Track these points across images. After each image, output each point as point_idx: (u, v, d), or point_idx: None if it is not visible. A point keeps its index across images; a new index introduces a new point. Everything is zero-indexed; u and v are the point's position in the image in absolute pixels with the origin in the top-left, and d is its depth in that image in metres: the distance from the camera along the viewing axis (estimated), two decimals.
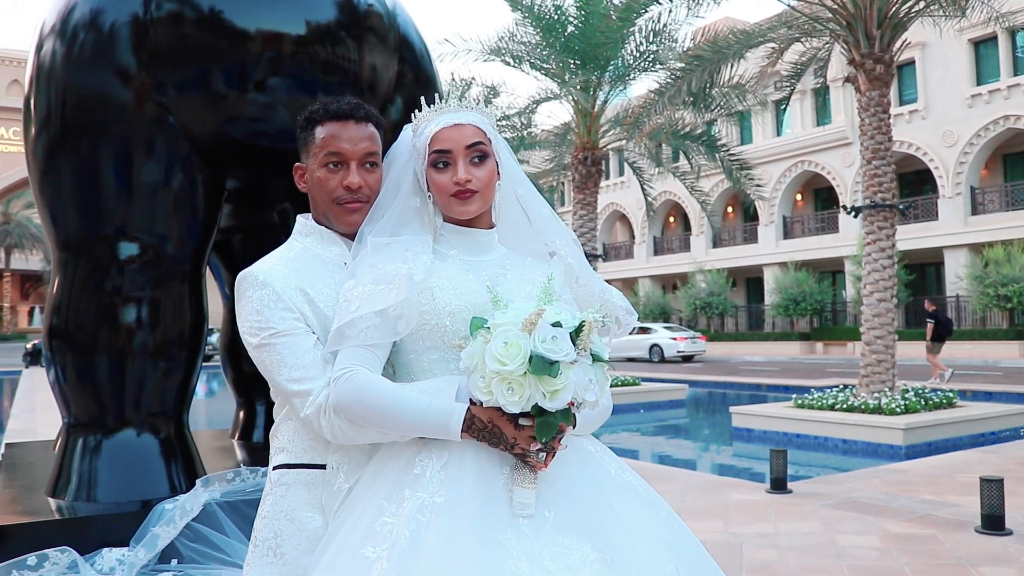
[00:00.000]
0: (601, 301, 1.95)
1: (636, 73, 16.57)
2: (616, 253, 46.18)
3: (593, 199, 17.62)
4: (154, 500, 2.85)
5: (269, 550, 1.75)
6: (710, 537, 5.41)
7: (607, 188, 43.96)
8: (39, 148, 3.10)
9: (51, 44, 3.08)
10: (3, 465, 3.86)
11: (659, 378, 20.96)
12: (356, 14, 3.28)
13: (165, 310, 3.13)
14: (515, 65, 17.16)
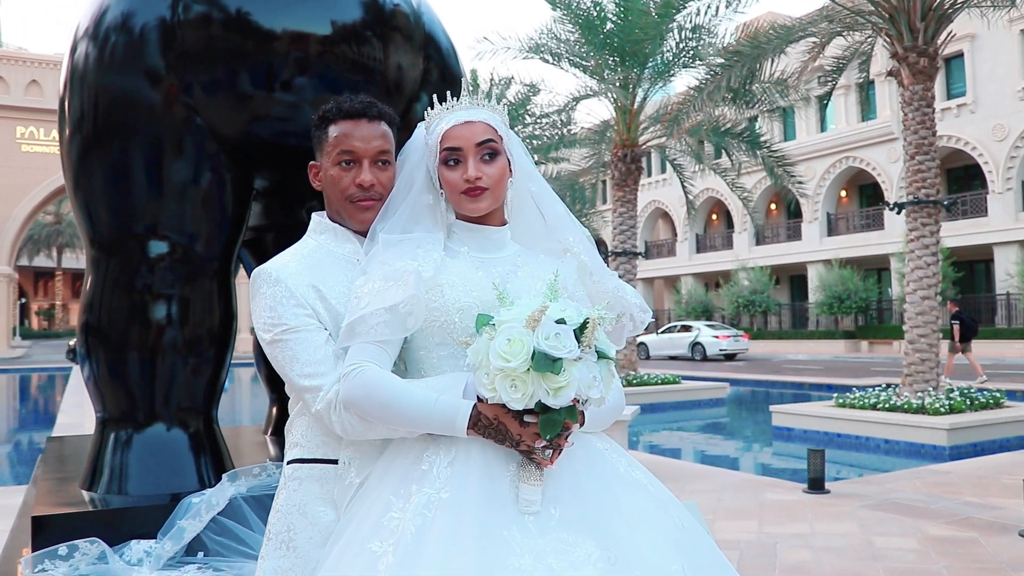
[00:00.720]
0: (614, 298, 1.95)
1: (676, 69, 16.45)
2: (658, 251, 45.91)
3: (633, 197, 17.53)
4: (183, 494, 2.90)
5: (282, 543, 1.78)
6: (744, 537, 5.37)
7: (649, 185, 43.72)
8: (73, 149, 3.16)
9: (84, 47, 3.15)
10: (45, 458, 3.96)
11: (700, 376, 20.81)
12: (382, 13, 3.29)
13: (194, 307, 3.18)
14: (554, 63, 17.14)
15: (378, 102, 1.94)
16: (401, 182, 1.89)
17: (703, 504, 6.34)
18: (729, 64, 12.82)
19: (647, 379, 16.43)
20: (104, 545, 2.57)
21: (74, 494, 3.06)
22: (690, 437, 13.22)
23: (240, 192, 3.33)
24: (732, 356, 30.97)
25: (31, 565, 2.50)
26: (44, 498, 3.01)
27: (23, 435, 13.42)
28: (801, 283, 39.23)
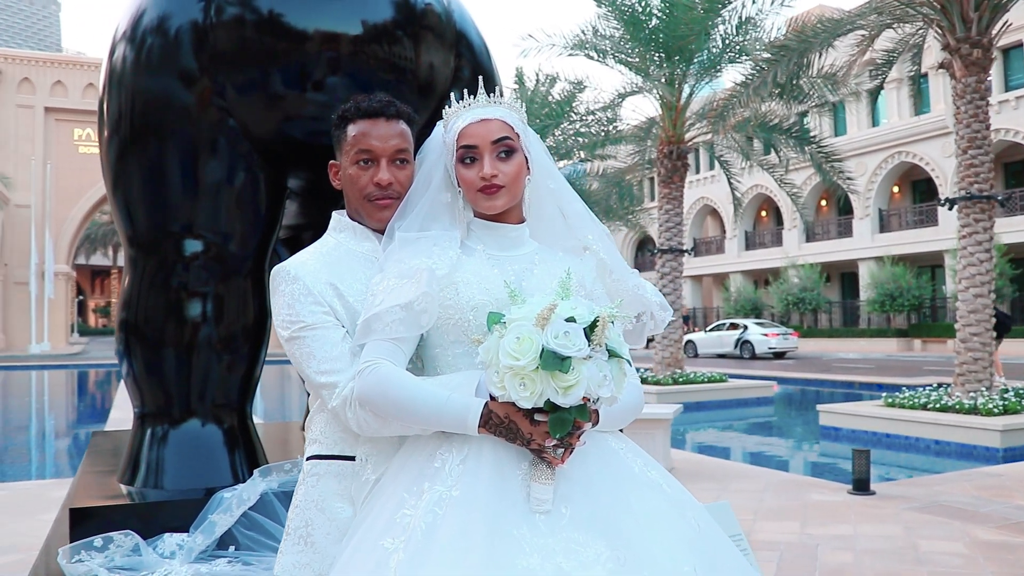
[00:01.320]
0: (634, 296, 1.94)
1: (722, 65, 16.27)
2: (707, 248, 45.49)
3: (679, 193, 17.38)
4: (217, 488, 2.95)
5: (300, 539, 1.80)
6: (784, 538, 5.30)
7: (697, 182, 43.33)
8: (111, 150, 3.23)
9: (122, 49, 3.22)
10: (89, 452, 4.06)
11: (747, 375, 20.58)
12: (413, 13, 3.31)
13: (229, 305, 3.23)
14: (599, 59, 17.04)
15: (397, 101, 1.95)
16: (419, 180, 1.90)
17: (744, 504, 6.27)
18: (775, 59, 12.63)
19: (693, 377, 16.28)
20: (138, 538, 2.63)
21: (112, 488, 3.13)
22: (735, 436, 13.07)
23: (273, 191, 3.37)
24: (781, 354, 30.55)
25: (68, 556, 2.56)
26: (83, 491, 3.09)
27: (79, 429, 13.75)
28: (852, 280, 38.56)
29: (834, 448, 10.59)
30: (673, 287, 17.04)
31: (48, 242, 38.94)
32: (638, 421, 7.76)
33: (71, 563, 2.54)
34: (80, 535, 2.68)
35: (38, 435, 13.82)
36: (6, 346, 40.21)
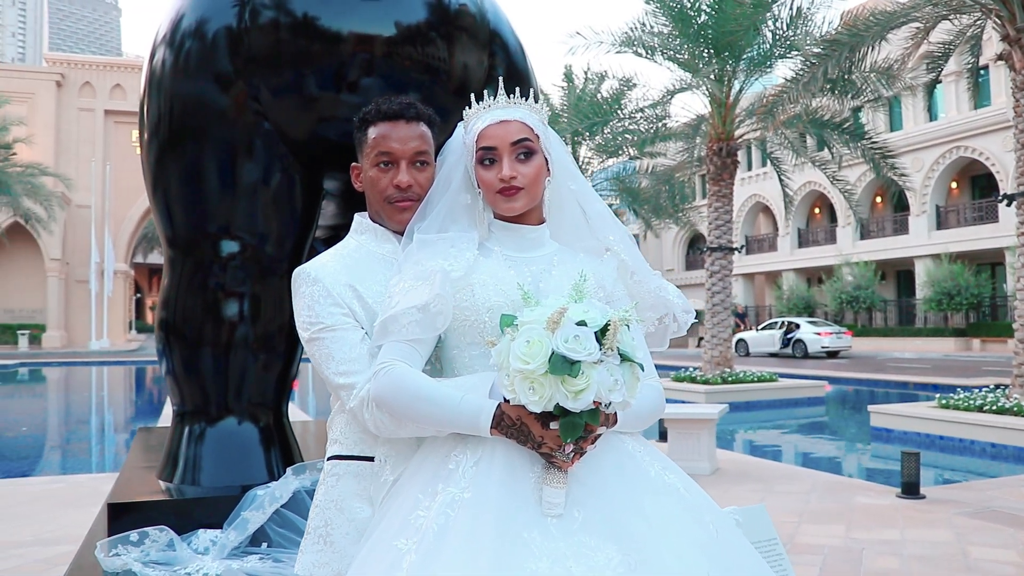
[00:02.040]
0: (657, 299, 1.92)
1: (772, 61, 16.04)
2: (759, 245, 44.91)
3: (729, 191, 17.18)
4: (252, 485, 2.99)
5: (320, 538, 1.82)
6: (829, 542, 5.20)
7: (749, 179, 42.82)
8: (151, 152, 3.30)
9: (161, 53, 3.27)
10: (133, 447, 4.15)
11: (798, 374, 20.27)
12: (447, 13, 3.32)
13: (265, 305, 3.27)
14: (647, 56, 16.93)
15: (417, 103, 1.96)
16: (439, 181, 1.90)
17: (789, 506, 6.18)
18: (826, 54, 12.40)
19: (742, 376, 16.09)
20: (172, 533, 2.68)
21: (152, 484, 3.19)
22: (783, 436, 12.88)
23: (309, 192, 3.40)
24: (834, 354, 30.04)
25: (106, 549, 2.63)
26: (123, 486, 3.16)
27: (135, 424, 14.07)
28: (908, 278, 37.74)
29: (885, 450, 10.37)
30: (722, 285, 16.86)
31: (108, 241, 39.95)
32: (683, 421, 7.70)
33: (108, 557, 2.60)
34: (118, 529, 2.74)
35: (96, 430, 14.18)
36: (68, 343, 41.35)
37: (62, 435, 13.40)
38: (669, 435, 7.90)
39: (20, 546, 5.16)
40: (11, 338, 40.01)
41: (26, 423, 14.48)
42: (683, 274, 48.76)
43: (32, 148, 35.01)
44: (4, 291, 41.82)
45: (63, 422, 15.32)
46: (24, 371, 28.03)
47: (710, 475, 7.51)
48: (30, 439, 12.44)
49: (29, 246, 40.32)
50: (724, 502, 6.29)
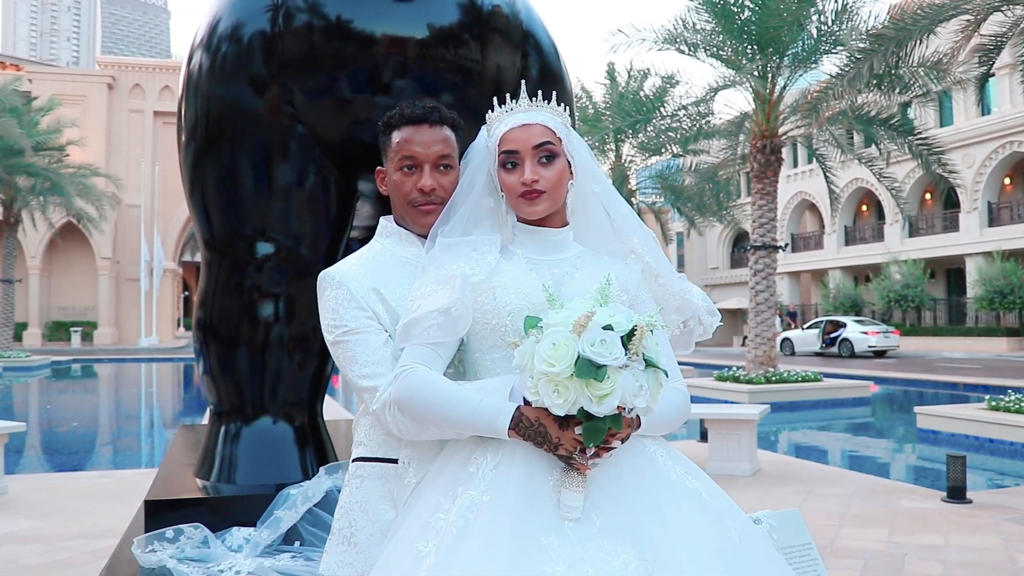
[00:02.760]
0: (682, 301, 1.91)
1: (817, 57, 15.79)
2: (805, 243, 44.32)
3: (773, 189, 16.98)
4: (287, 484, 3.03)
5: (344, 539, 1.83)
6: (870, 546, 5.12)
7: (795, 176, 42.28)
8: (188, 155, 3.35)
9: (198, 56, 3.33)
10: (173, 445, 4.23)
11: (843, 374, 19.97)
12: (480, 14, 3.32)
13: (300, 306, 3.31)
14: (690, 53, 16.79)
15: (441, 107, 1.96)
16: (463, 184, 1.90)
17: (830, 509, 6.10)
18: (871, 49, 12.18)
19: (786, 376, 15.88)
20: (206, 530, 2.73)
21: (189, 481, 3.25)
22: (826, 437, 12.69)
23: (343, 194, 3.43)
24: (882, 353, 29.55)
25: (142, 545, 2.68)
26: (160, 484, 3.22)
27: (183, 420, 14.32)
28: (959, 277, 36.94)
29: (931, 452, 10.17)
30: (767, 284, 16.66)
31: (156, 240, 40.72)
32: (723, 421, 7.63)
33: (145, 553, 2.65)
34: (154, 526, 2.79)
35: (145, 426, 14.46)
36: (118, 339, 42.24)
37: (111, 431, 13.70)
38: (709, 435, 7.83)
39: (69, 539, 5.29)
40: (64, 335, 41.01)
41: (77, 418, 14.83)
42: (728, 272, 48.30)
43: (84, 149, 35.80)
44: (58, 289, 42.85)
45: (112, 418, 15.66)
46: (77, 367, 28.70)
47: (751, 476, 7.44)
48: (80, 434, 12.73)
49: (82, 245, 41.25)
50: (764, 504, 6.23)
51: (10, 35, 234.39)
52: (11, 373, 24.13)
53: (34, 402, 18.41)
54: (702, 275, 49.43)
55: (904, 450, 11.16)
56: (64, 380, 24.28)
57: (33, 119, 26.27)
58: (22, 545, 5.16)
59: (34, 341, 39.84)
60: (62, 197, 27.41)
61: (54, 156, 27.61)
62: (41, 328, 41.34)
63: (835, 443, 12.10)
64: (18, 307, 34.45)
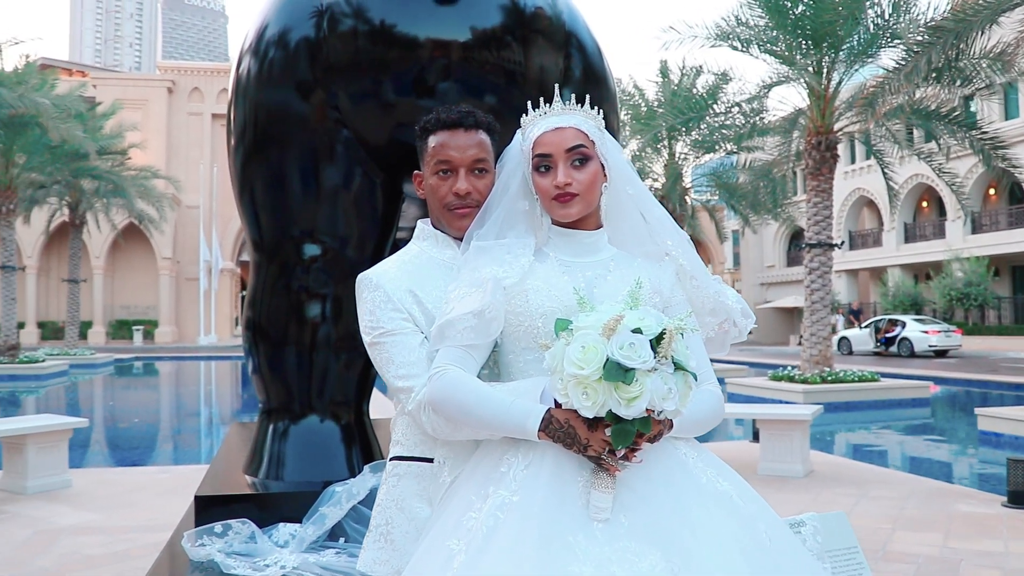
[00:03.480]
0: (716, 303, 1.90)
1: (873, 51, 15.47)
2: (863, 241, 43.46)
3: (828, 186, 16.69)
4: (333, 482, 3.09)
5: (381, 536, 1.87)
6: (924, 551, 5.02)
7: (853, 172, 41.50)
8: (237, 158, 3.43)
9: (247, 61, 3.40)
10: (225, 442, 4.32)
11: (902, 374, 19.55)
12: (522, 16, 3.34)
13: (347, 306, 3.37)
14: (742, 49, 16.58)
15: (476, 111, 1.98)
16: (498, 187, 1.92)
17: (883, 512, 5.99)
18: (930, 41, 11.90)
19: (842, 376, 15.60)
20: (253, 526, 2.80)
21: (238, 478, 3.33)
22: (882, 439, 12.43)
23: (389, 196, 3.48)
24: (943, 353, 28.86)
25: (192, 540, 2.75)
26: (211, 480, 3.31)
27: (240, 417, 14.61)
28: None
29: (992, 455, 9.89)
30: (822, 283, 16.38)
31: (215, 240, 41.58)
32: (775, 422, 7.54)
33: (194, 547, 2.73)
34: (204, 521, 2.87)
35: (204, 422, 14.78)
36: (178, 338, 43.21)
37: (171, 427, 14.02)
38: (761, 436, 7.74)
39: (129, 531, 5.44)
40: (127, 333, 42.11)
41: (138, 415, 15.22)
42: (784, 270, 47.61)
43: (145, 152, 36.74)
44: (121, 289, 44.01)
45: (172, 414, 16.04)
46: (138, 365, 29.43)
47: (803, 477, 7.33)
48: (141, 430, 13.06)
49: (143, 246, 42.29)
50: (816, 506, 6.15)
51: (77, 43, 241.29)
52: (77, 370, 24.86)
53: (98, 398, 18.94)
54: (758, 273, 48.81)
55: (963, 452, 10.88)
56: (126, 377, 24.92)
57: (97, 124, 26.99)
58: (84, 536, 5.32)
59: (98, 339, 40.98)
60: (124, 199, 28.12)
61: (116, 159, 28.33)
62: (105, 326, 42.51)
63: (891, 445, 11.86)
64: (83, 306, 35.48)
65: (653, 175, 27.24)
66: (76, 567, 4.59)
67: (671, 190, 25.28)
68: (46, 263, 42.46)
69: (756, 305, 47.42)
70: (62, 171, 25.39)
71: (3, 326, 23.89)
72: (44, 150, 23.31)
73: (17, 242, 27.29)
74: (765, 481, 7.16)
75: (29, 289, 40.89)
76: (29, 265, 40.33)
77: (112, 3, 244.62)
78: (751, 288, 48.87)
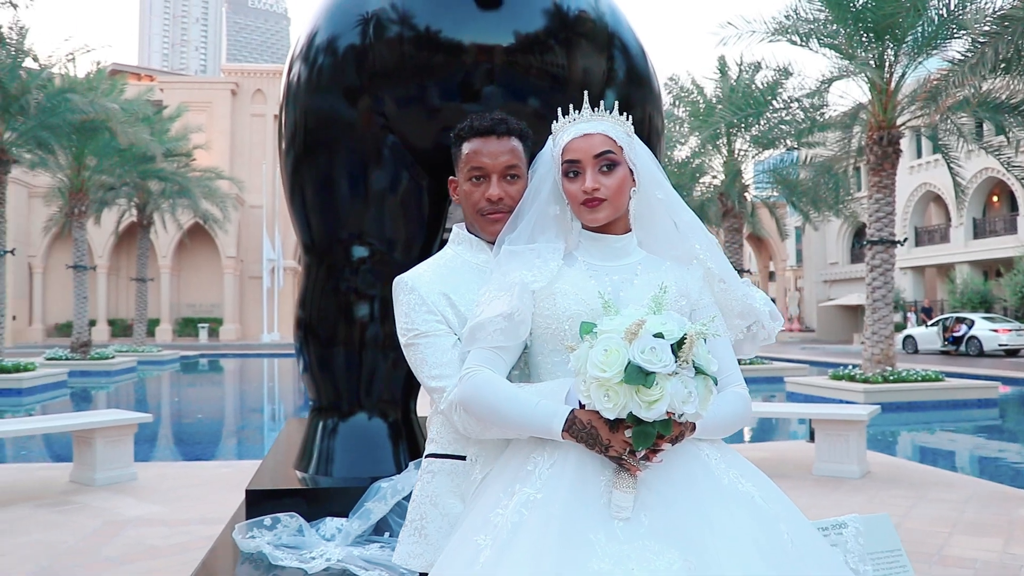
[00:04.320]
0: (744, 306, 1.92)
1: (938, 43, 15.09)
2: (930, 237, 42.35)
3: (890, 181, 16.33)
4: (380, 478, 3.17)
5: (416, 531, 1.93)
6: (982, 556, 4.91)
7: (919, 167, 40.48)
8: (288, 162, 3.53)
9: (297, 67, 3.50)
10: (278, 438, 4.44)
11: (969, 374, 19.03)
12: (565, 20, 3.37)
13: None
14: (801, 43, 16.31)
15: (509, 118, 2.03)
16: (529, 191, 1.96)
17: (941, 515, 5.87)
18: (997, 32, 11.57)
19: (905, 375, 15.25)
20: (301, 519, 2.89)
21: (288, 473, 3.43)
22: (945, 440, 12.14)
23: (435, 199, 3.55)
24: (1014, 352, 28.00)
25: (243, 532, 2.86)
26: (263, 475, 3.42)
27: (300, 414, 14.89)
28: None
29: None
30: (884, 280, 16.05)
31: (278, 239, 42.35)
32: (830, 422, 7.44)
33: (244, 538, 2.83)
34: (255, 514, 2.98)
35: (267, 418, 15.10)
36: (242, 335, 44.15)
37: (233, 423, 14.37)
38: (816, 436, 7.65)
39: (189, 523, 5.62)
40: (193, 331, 43.17)
41: (202, 410, 15.62)
42: (848, 267, 46.65)
43: (210, 153, 37.58)
44: (187, 287, 45.14)
45: (235, 410, 16.43)
46: (204, 362, 30.18)
47: (859, 479, 7.22)
48: (205, 425, 13.41)
49: (207, 245, 43.31)
50: (870, 507, 6.06)
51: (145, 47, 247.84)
52: (145, 367, 25.59)
53: (164, 394, 19.48)
54: (821, 270, 47.94)
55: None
56: (192, 374, 25.58)
57: (163, 126, 27.73)
58: (148, 527, 5.52)
59: (165, 336, 42.10)
60: (189, 200, 28.85)
61: (182, 161, 29.06)
62: (172, 324, 43.64)
63: (955, 446, 11.58)
64: (151, 304, 36.52)
65: (712, 172, 26.96)
66: (139, 557, 4.77)
67: (730, 187, 24.96)
68: (116, 262, 43.75)
69: (819, 303, 46.60)
70: (130, 173, 26.13)
71: (75, 324, 24.70)
72: (113, 153, 24.03)
73: (88, 242, 28.15)
74: (820, 482, 7.07)
75: (100, 288, 42.20)
76: (100, 265, 41.59)
77: (179, 8, 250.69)
78: (814, 285, 48.03)
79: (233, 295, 43.96)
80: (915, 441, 11.77)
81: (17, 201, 36.08)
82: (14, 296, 37.49)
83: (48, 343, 37.59)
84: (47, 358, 23.06)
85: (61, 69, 20.79)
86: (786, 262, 50.00)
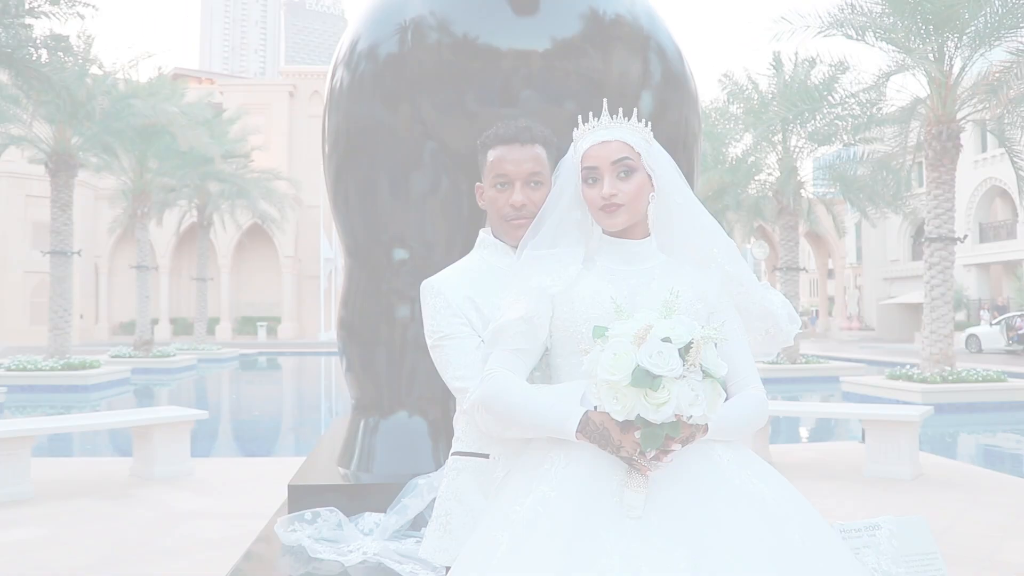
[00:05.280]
0: (761, 309, 1.95)
1: (1000, 34, 14.69)
2: (995, 233, 41.20)
3: (949, 177, 15.96)
4: (420, 474, 3.25)
5: (441, 526, 2.00)
6: None
7: (983, 162, 39.43)
8: (330, 166, 3.63)
9: (340, 73, 3.59)
10: (323, 436, 4.56)
11: None
12: (601, 24, 3.41)
13: None
14: (857, 37, 16.03)
15: (533, 126, 2.08)
16: (552, 197, 2.01)
17: (993, 519, 5.76)
18: None
19: (965, 375, 14.88)
20: (340, 514, 2.98)
21: (331, 469, 3.53)
22: (1004, 443, 11.84)
23: (474, 202, 3.61)
24: None
25: (284, 526, 2.96)
26: (306, 470, 3.52)
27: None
28: None
29: None
30: (943, 278, 15.69)
31: (335, 239, 42.96)
32: (881, 423, 7.34)
33: (286, 532, 2.93)
34: (297, 509, 3.08)
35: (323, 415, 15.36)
36: (300, 333, 44.91)
37: (289, 419, 14.66)
38: (867, 437, 7.55)
39: (242, 517, 5.79)
40: (252, 329, 44.04)
41: (259, 407, 15.97)
42: (908, 265, 45.63)
43: (267, 154, 38.33)
44: (246, 286, 46.08)
45: (291, 408, 16.75)
46: (262, 360, 30.78)
47: (911, 480, 7.11)
48: (261, 422, 13.72)
49: (266, 245, 44.16)
50: (921, 510, 5.97)
51: (207, 51, 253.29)
52: (205, 364, 26.22)
53: (223, 391, 19.94)
54: (881, 268, 46.99)
55: None
56: (250, 371, 26.13)
57: (223, 129, 28.34)
58: (202, 521, 5.71)
59: (225, 335, 43.02)
60: (248, 200, 29.44)
61: (240, 162, 29.65)
62: (231, 322, 44.57)
63: (1014, 449, 11.29)
64: (211, 303, 37.31)
65: (768, 169, 26.61)
66: (193, 549, 4.94)
67: (785, 183, 24.63)
68: (177, 262, 44.83)
69: (879, 301, 45.67)
70: (191, 175, 26.75)
71: (138, 322, 25.39)
72: (174, 156, 24.63)
73: (151, 243, 28.91)
74: (870, 483, 6.98)
75: (162, 287, 43.30)
76: (162, 265, 42.70)
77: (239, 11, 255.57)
78: (874, 283, 47.11)
79: (291, 294, 44.74)
80: (974, 443, 11.51)
81: (84, 203, 37.16)
82: (81, 295, 38.66)
83: (113, 341, 38.68)
84: (112, 356, 23.73)
85: (124, 75, 21.41)
86: (845, 259, 49.09)
